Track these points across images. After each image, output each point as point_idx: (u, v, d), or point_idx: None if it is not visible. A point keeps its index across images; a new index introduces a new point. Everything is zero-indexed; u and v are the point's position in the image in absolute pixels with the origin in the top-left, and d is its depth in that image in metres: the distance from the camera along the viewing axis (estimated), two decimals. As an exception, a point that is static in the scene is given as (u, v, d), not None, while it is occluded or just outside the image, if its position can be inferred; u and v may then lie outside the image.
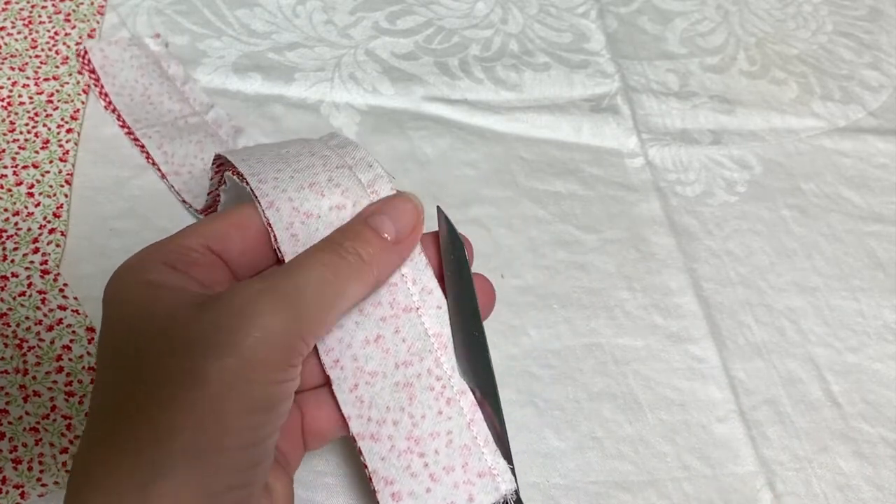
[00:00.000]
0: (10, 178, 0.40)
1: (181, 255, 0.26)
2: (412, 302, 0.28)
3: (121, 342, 0.24)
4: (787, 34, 0.55)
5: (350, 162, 0.29)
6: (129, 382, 0.23)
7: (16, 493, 0.32)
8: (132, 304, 0.25)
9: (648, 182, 0.46)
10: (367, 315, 0.28)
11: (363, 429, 0.27)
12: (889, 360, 0.41)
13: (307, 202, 0.27)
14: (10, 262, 0.37)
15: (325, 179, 0.28)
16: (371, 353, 0.27)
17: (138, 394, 0.23)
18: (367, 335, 0.27)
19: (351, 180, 0.28)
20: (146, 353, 0.24)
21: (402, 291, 0.28)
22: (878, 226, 0.46)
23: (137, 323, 0.24)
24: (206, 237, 0.26)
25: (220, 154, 0.30)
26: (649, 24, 0.54)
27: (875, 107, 0.52)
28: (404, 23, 0.51)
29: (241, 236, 0.27)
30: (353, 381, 0.27)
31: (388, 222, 0.27)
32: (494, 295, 0.30)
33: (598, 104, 0.49)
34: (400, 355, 0.28)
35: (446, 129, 0.46)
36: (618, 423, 0.37)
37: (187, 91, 0.44)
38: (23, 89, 0.43)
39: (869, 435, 0.39)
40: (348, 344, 0.27)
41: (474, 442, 0.28)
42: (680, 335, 0.40)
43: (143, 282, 0.25)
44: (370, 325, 0.28)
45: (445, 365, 0.28)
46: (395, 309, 0.28)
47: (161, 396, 0.23)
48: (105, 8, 0.47)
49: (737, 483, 0.36)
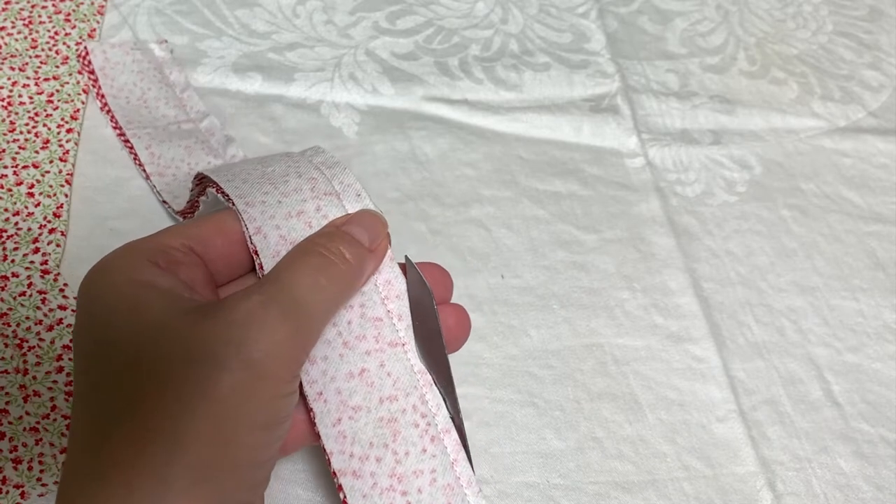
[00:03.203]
0: (10, 178, 0.40)
1: (165, 253, 0.25)
2: (398, 337, 0.28)
3: (107, 340, 0.24)
4: (787, 34, 0.55)
5: (338, 188, 0.29)
6: (130, 387, 0.23)
7: (16, 493, 0.32)
8: (119, 301, 0.24)
9: (648, 182, 0.46)
10: (352, 348, 0.27)
11: (345, 465, 0.26)
12: (889, 360, 0.41)
13: (294, 231, 0.27)
14: (11, 262, 0.37)
15: (314, 209, 0.28)
16: (355, 387, 0.27)
17: (143, 400, 0.22)
18: (351, 368, 0.27)
19: (338, 210, 0.28)
20: (144, 357, 0.23)
21: (387, 326, 0.28)
22: (878, 226, 0.46)
23: (128, 323, 0.24)
24: (189, 238, 0.26)
25: (204, 174, 0.29)
26: (649, 24, 0.54)
27: (875, 107, 0.52)
28: (404, 23, 0.51)
29: (223, 241, 0.27)
30: (336, 416, 0.27)
31: (360, 230, 0.27)
32: (469, 326, 0.30)
33: (598, 104, 0.49)
34: (385, 390, 0.27)
35: (446, 129, 0.46)
36: (618, 424, 0.37)
37: (185, 98, 0.43)
38: (23, 89, 0.43)
39: (869, 435, 0.39)
40: (332, 377, 0.27)
41: (457, 482, 0.27)
42: (680, 335, 0.40)
43: (128, 281, 0.24)
44: (355, 358, 0.27)
45: (431, 402, 0.28)
46: (380, 343, 0.28)
47: (169, 408, 0.22)
48: (105, 8, 0.47)
49: (737, 483, 0.36)
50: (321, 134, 0.45)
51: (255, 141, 0.44)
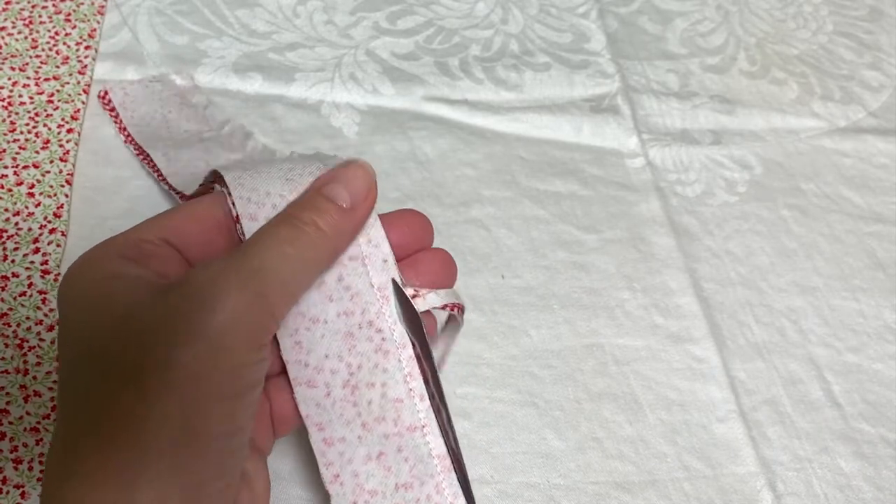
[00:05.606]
0: (10, 178, 0.40)
1: (137, 247, 0.25)
2: (418, 420, 0.27)
3: (82, 338, 0.24)
4: (788, 34, 0.55)
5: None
6: (98, 378, 0.23)
7: (16, 493, 0.32)
8: (90, 299, 0.24)
9: (649, 182, 0.46)
10: (370, 430, 0.27)
11: None
12: (889, 360, 0.41)
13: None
14: (11, 262, 0.37)
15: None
16: (372, 471, 0.27)
17: (109, 388, 0.22)
18: (369, 451, 0.27)
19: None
20: (110, 347, 0.23)
21: (407, 408, 0.27)
22: (879, 226, 0.46)
23: (97, 317, 0.23)
24: (163, 230, 0.26)
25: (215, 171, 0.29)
26: (649, 24, 0.54)
27: (875, 107, 0.52)
28: (405, 23, 0.51)
29: (200, 229, 0.27)
30: (351, 499, 0.27)
31: (341, 190, 0.26)
32: (455, 268, 0.30)
33: (598, 104, 0.49)
34: (402, 476, 0.27)
35: (446, 129, 0.46)
36: (618, 424, 0.37)
37: (207, 115, 0.43)
38: (23, 89, 0.43)
39: (869, 435, 0.39)
40: (349, 459, 0.27)
41: None
42: (680, 335, 0.40)
43: (99, 276, 0.24)
44: (373, 441, 0.27)
45: (447, 491, 0.27)
46: (398, 426, 0.27)
47: (134, 389, 0.22)
48: (105, 8, 0.47)
49: (737, 483, 0.36)
50: (321, 134, 0.45)
51: (261, 144, 0.44)
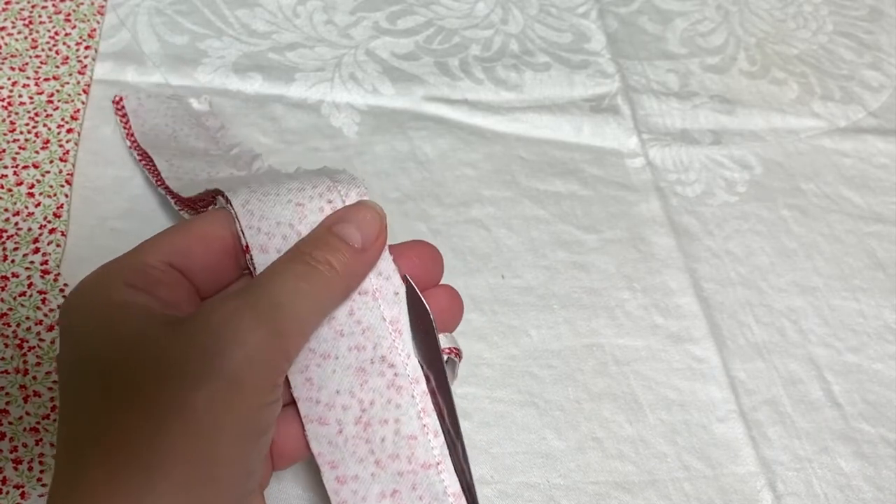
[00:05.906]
0: (10, 178, 0.40)
1: (143, 273, 0.25)
2: (432, 457, 0.27)
3: (88, 367, 0.23)
4: (788, 34, 0.55)
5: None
6: (106, 412, 0.22)
7: (16, 494, 0.32)
8: (94, 327, 0.23)
9: (649, 182, 0.46)
10: (383, 467, 0.27)
11: None
12: (889, 360, 0.41)
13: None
14: (11, 262, 0.37)
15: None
16: None
17: (119, 424, 0.22)
18: (383, 489, 0.27)
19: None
20: (120, 380, 0.22)
21: (422, 445, 0.27)
22: (879, 226, 0.46)
23: (105, 346, 0.23)
24: (167, 253, 0.25)
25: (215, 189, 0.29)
26: (649, 24, 0.54)
27: (875, 107, 0.52)
28: (405, 23, 0.51)
29: (206, 251, 0.26)
30: None
31: (353, 231, 0.26)
32: (462, 307, 0.30)
33: (598, 104, 0.49)
34: None
35: (446, 129, 0.46)
36: (618, 424, 0.37)
37: (219, 137, 0.42)
38: (23, 89, 0.43)
39: (869, 435, 0.39)
40: (363, 497, 0.27)
41: None
42: (680, 335, 0.40)
43: (105, 302, 0.24)
44: (387, 479, 0.27)
45: None
46: (413, 464, 0.27)
47: (147, 427, 0.21)
48: (105, 8, 0.47)
49: (737, 483, 0.36)
50: (321, 134, 0.45)
51: (255, 141, 0.43)
